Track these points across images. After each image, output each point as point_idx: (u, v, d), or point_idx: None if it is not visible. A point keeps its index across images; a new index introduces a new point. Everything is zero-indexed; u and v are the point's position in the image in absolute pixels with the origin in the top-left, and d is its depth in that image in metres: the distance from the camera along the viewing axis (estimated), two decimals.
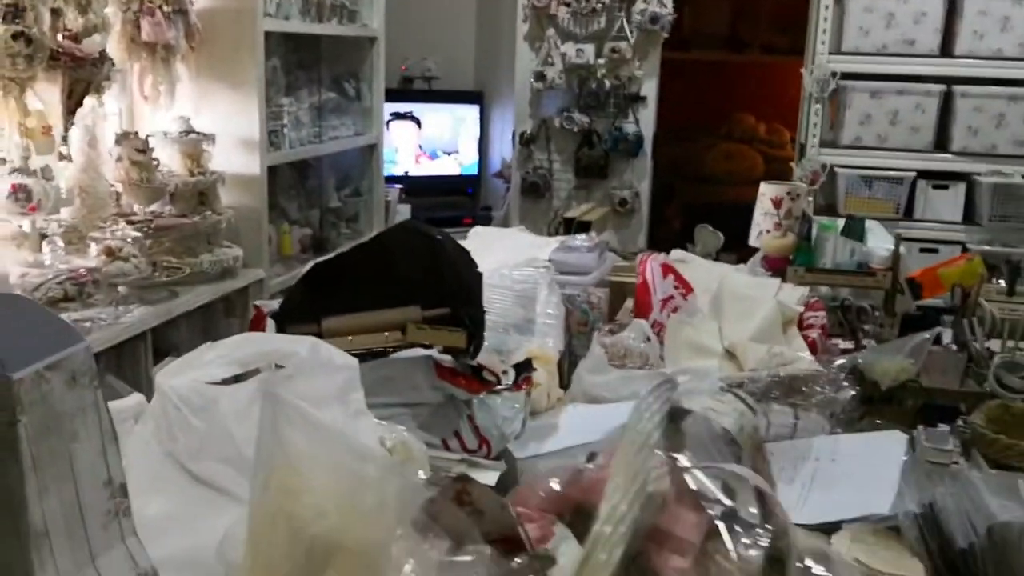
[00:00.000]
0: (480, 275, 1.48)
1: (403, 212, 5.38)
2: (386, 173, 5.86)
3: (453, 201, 5.89)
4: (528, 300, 1.83)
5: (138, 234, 2.80)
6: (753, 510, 0.64)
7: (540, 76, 4.92)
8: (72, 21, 2.63)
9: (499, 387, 1.46)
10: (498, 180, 5.92)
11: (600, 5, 4.73)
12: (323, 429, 0.60)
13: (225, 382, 0.97)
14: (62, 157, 2.69)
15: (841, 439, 1.76)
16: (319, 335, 1.47)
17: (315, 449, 0.59)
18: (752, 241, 2.55)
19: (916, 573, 1.42)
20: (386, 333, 1.41)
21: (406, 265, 1.44)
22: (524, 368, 1.51)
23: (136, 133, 3.08)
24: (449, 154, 6.14)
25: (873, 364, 2.01)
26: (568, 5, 4.80)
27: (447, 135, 6.14)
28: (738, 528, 0.61)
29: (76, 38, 2.61)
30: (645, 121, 4.95)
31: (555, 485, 0.66)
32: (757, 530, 0.56)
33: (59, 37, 2.60)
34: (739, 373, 1.91)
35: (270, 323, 1.36)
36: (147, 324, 2.77)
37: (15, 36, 2.31)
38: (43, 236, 2.70)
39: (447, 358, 1.29)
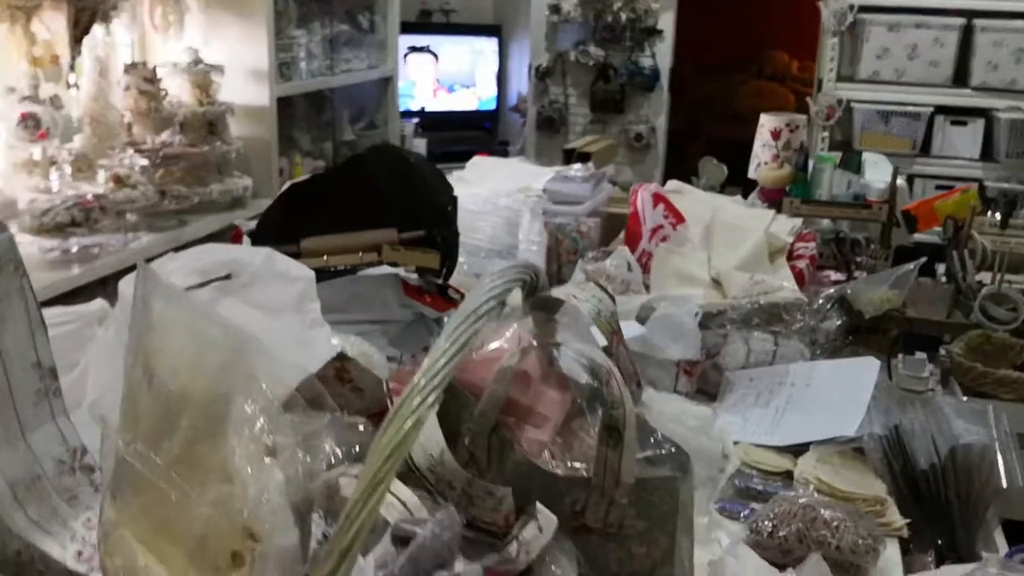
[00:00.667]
0: (455, 198, 1.51)
1: (418, 146, 5.39)
2: (403, 107, 5.86)
3: (470, 136, 5.88)
4: (513, 227, 1.86)
5: (145, 162, 2.85)
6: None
7: (555, 9, 4.88)
8: None
9: None
10: (515, 114, 5.90)
11: None
12: (184, 298, 0.64)
13: (188, 291, 1.01)
14: (69, 86, 2.73)
15: (817, 365, 1.79)
16: (297, 255, 1.51)
17: (173, 315, 0.64)
18: (751, 173, 2.56)
19: (878, 493, 1.46)
20: (360, 254, 1.45)
21: (382, 187, 1.47)
22: None
23: (144, 63, 3.11)
24: (467, 88, 6.12)
25: (859, 294, 2.03)
26: None
27: (465, 69, 6.11)
28: (600, 407, 0.64)
29: None
30: (662, 55, 4.91)
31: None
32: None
33: None
34: (721, 300, 1.94)
35: (246, 241, 1.41)
36: (155, 251, 2.83)
37: None
38: (53, 163, 2.75)
39: (414, 277, 1.33)
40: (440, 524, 0.54)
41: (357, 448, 0.64)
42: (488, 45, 6.09)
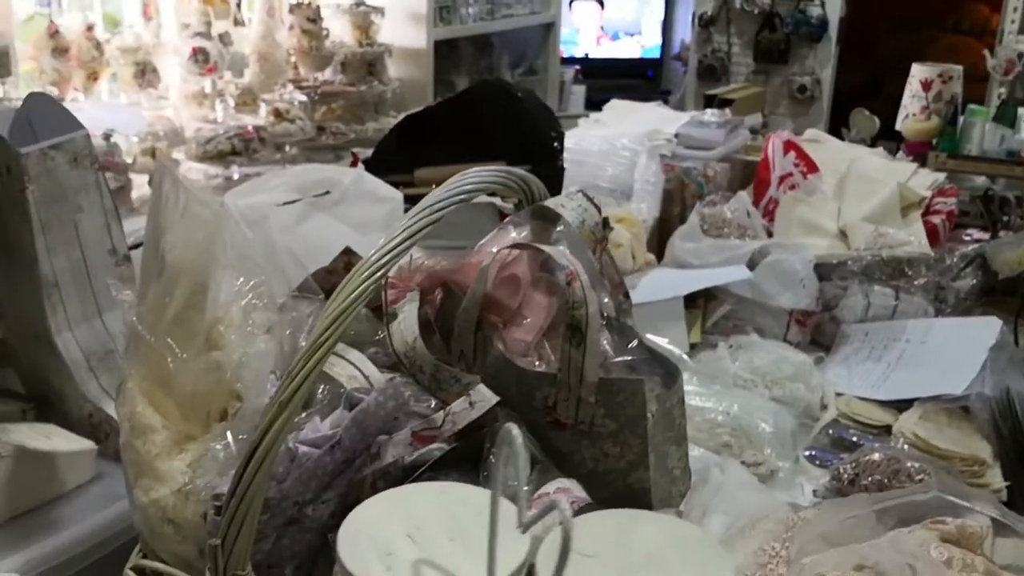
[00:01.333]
0: (562, 134, 1.55)
1: (577, 93, 5.41)
2: (567, 54, 5.88)
3: (631, 84, 5.83)
4: (634, 168, 1.87)
5: (304, 98, 3.00)
6: (607, 300, 0.70)
7: None
8: None
9: None
10: (677, 63, 5.81)
11: None
12: (190, 190, 0.71)
13: (288, 204, 1.10)
14: (237, 22, 2.90)
15: (936, 322, 1.73)
16: (411, 184, 1.59)
17: (180, 198, 0.71)
18: (898, 125, 2.45)
19: (980, 453, 1.42)
20: None
21: (489, 121, 1.52)
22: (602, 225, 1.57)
23: (309, 3, 3.26)
24: (632, 36, 6.07)
25: (997, 253, 1.93)
26: None
27: (631, 17, 6.05)
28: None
29: None
30: (832, 5, 4.70)
31: (428, 263, 0.75)
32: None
33: None
34: (843, 252, 1.89)
35: (360, 167, 1.49)
36: None
37: None
38: (220, 95, 2.95)
39: (508, 206, 1.37)
40: (384, 393, 0.60)
41: (354, 333, 0.71)
42: None
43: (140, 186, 2.58)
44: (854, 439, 1.47)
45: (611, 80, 5.81)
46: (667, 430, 0.68)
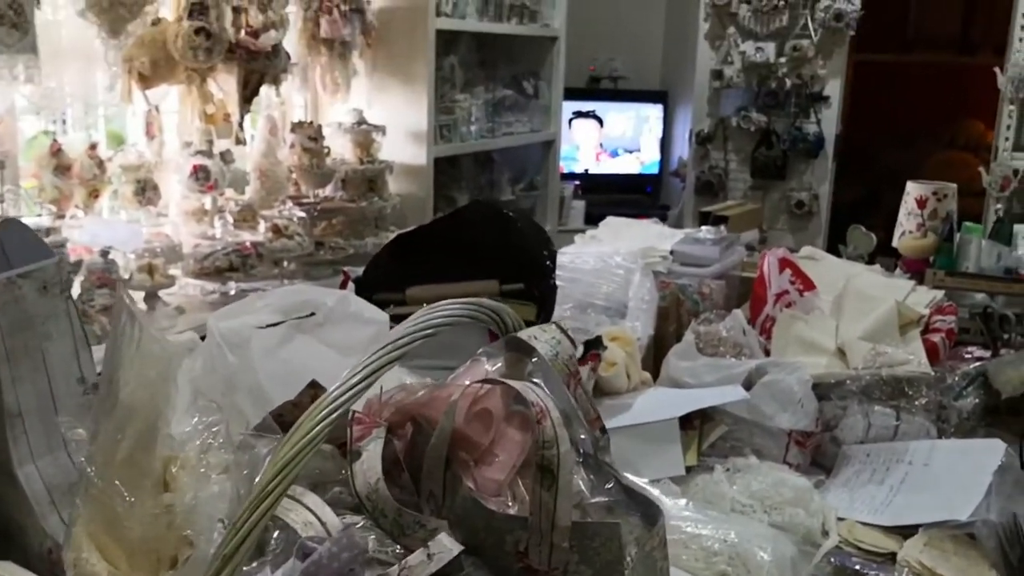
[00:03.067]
0: (554, 252, 1.54)
1: (577, 208, 5.47)
2: (567, 170, 5.98)
3: (630, 199, 5.91)
4: (627, 285, 1.87)
5: (303, 214, 3.03)
6: (583, 436, 0.68)
7: (718, 74, 4.87)
8: (253, 18, 2.88)
9: None
10: (675, 179, 5.89)
11: (783, 2, 4.63)
12: (144, 326, 0.69)
13: (271, 327, 1.09)
14: (238, 141, 2.95)
15: (938, 444, 1.69)
16: (403, 302, 1.57)
17: (134, 336, 0.69)
18: (895, 242, 2.46)
19: None
20: None
21: (482, 240, 1.52)
22: (593, 345, 1.55)
23: (311, 122, 3.33)
24: (630, 152, 6.18)
25: (999, 372, 1.90)
26: (749, 2, 4.72)
27: (629, 134, 6.17)
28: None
29: (256, 34, 2.86)
30: (827, 122, 4.80)
31: (399, 395, 0.72)
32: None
33: (242, 33, 2.86)
34: (842, 371, 1.87)
35: (350, 287, 1.48)
36: None
37: (197, 31, 2.58)
38: (220, 212, 2.98)
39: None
40: (338, 544, 0.56)
41: (318, 471, 0.68)
42: (653, 111, 6.14)
43: (136, 302, 2.57)
44: (857, 567, 1.42)
45: (610, 195, 5.89)
46: (648, 574, 0.64)
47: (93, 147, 2.61)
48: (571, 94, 5.55)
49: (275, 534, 0.60)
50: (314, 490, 0.65)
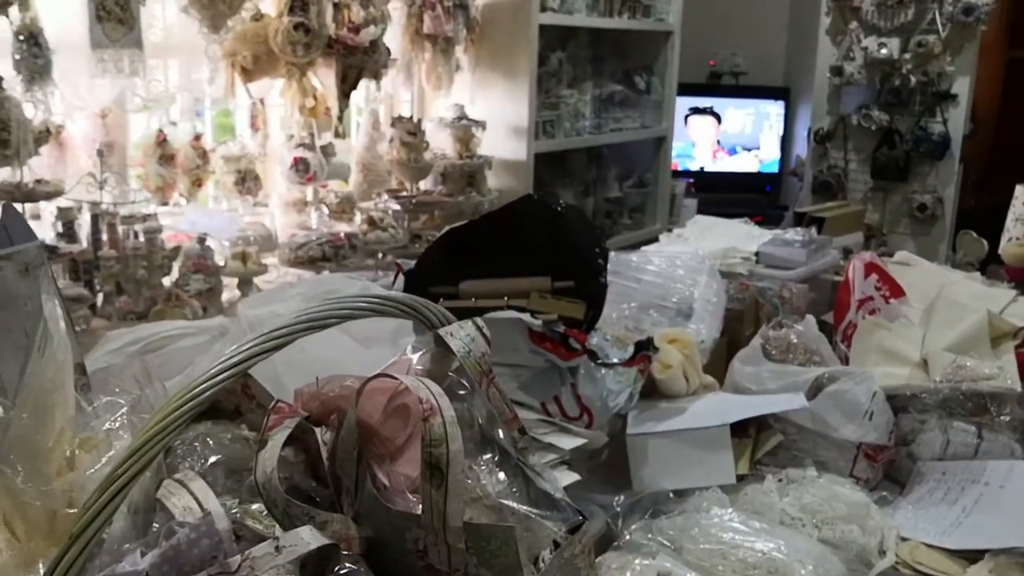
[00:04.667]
0: (606, 250, 1.52)
1: (689, 206, 5.37)
2: (682, 167, 5.88)
3: (747, 198, 5.77)
4: (691, 285, 1.82)
5: (397, 207, 3.08)
6: (501, 436, 0.65)
7: (838, 71, 4.69)
8: (355, 14, 2.94)
9: (613, 361, 1.49)
10: (793, 178, 5.72)
11: None
12: (65, 311, 0.71)
13: None
14: (338, 135, 3.02)
15: (1017, 465, 1.59)
16: (456, 296, 1.58)
17: (56, 317, 0.70)
18: (1000, 248, 2.32)
19: None
20: (506, 298, 1.49)
21: (532, 236, 1.51)
22: (643, 347, 1.52)
23: (411, 117, 3.38)
24: (749, 150, 6.02)
25: None
26: None
27: (748, 131, 6.02)
28: (469, 445, 0.62)
29: (357, 30, 2.92)
30: (954, 121, 4.55)
31: (327, 387, 0.71)
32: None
33: (344, 29, 2.92)
34: (918, 383, 1.77)
35: (400, 280, 1.49)
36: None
37: (296, 27, 2.65)
38: (321, 203, 3.06)
39: (537, 323, 1.34)
40: (197, 530, 0.56)
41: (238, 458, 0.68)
42: (774, 108, 5.97)
43: (230, 288, 2.67)
44: None
45: (727, 194, 5.76)
46: None
47: (197, 138, 2.72)
48: (688, 90, 5.45)
49: (157, 519, 0.61)
50: (234, 476, 0.66)
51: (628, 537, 1.36)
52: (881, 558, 1.41)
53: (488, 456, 0.66)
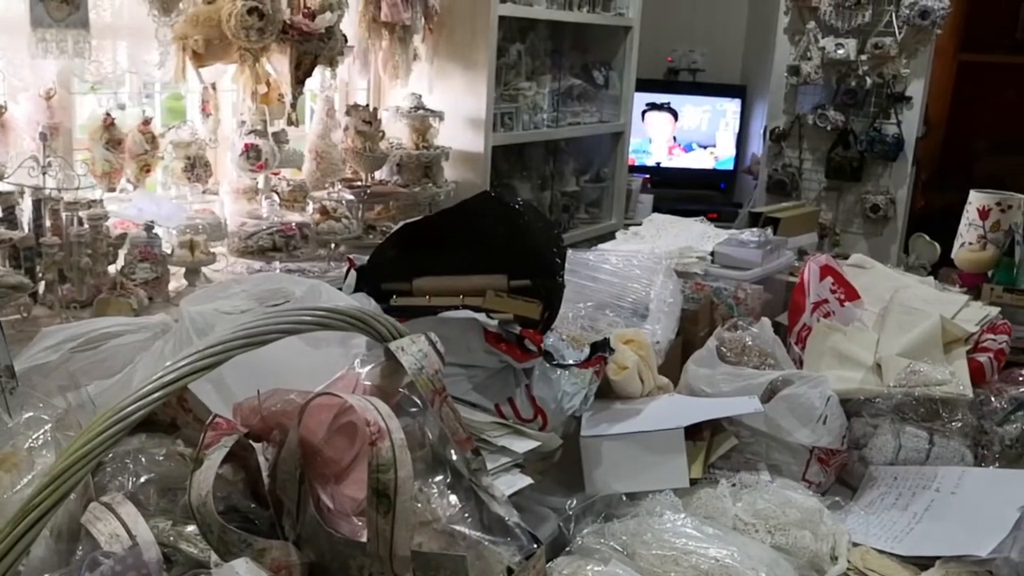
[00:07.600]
0: (564, 249, 1.49)
1: (644, 201, 5.37)
2: (638, 163, 5.87)
3: (700, 195, 5.78)
4: (647, 285, 1.80)
5: (351, 197, 3.02)
6: (454, 456, 0.63)
7: (795, 70, 4.71)
8: (311, 0, 2.88)
9: (568, 362, 1.47)
10: (748, 176, 5.74)
11: None
12: None
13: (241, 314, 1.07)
14: (291, 122, 2.96)
15: (968, 472, 1.60)
16: (409, 293, 1.54)
17: None
18: (953, 253, 2.33)
19: None
20: (462, 297, 1.46)
21: (489, 233, 1.48)
22: (600, 348, 1.49)
23: (367, 106, 3.32)
24: (705, 147, 6.04)
25: None
26: None
27: (705, 128, 6.03)
28: (420, 465, 0.59)
29: (312, 15, 2.86)
30: (908, 123, 4.60)
31: (268, 402, 0.68)
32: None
33: (299, 15, 2.86)
34: (873, 388, 1.77)
35: (352, 276, 1.45)
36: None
37: (250, 11, 2.58)
38: (273, 191, 2.99)
39: (493, 323, 1.31)
40: (122, 562, 0.53)
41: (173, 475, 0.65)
42: (731, 106, 5.98)
43: (177, 277, 2.60)
44: None
45: (682, 190, 5.77)
46: None
47: (146, 122, 2.64)
48: (646, 85, 5.44)
49: (81, 546, 0.58)
50: (168, 495, 0.62)
51: (580, 542, 1.34)
52: (833, 564, 1.41)
53: (440, 478, 0.63)
